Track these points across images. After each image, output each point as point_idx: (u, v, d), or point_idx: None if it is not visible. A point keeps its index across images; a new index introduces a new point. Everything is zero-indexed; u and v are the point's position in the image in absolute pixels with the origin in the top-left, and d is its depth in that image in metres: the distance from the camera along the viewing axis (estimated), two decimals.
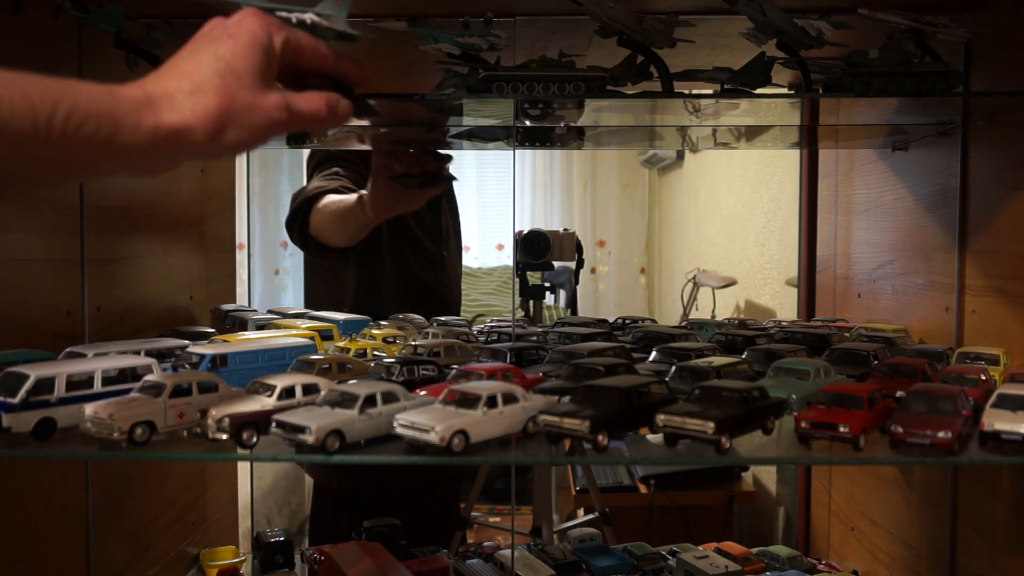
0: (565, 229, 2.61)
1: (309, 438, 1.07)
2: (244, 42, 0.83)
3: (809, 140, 2.19)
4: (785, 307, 3.16)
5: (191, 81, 0.79)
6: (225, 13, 0.90)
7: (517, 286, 2.62)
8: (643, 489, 3.06)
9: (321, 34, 0.95)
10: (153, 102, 0.77)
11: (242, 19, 0.86)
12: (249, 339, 1.56)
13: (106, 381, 1.21)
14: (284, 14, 0.93)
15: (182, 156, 0.81)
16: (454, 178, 2.02)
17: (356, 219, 2.01)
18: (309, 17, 0.95)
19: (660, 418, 1.11)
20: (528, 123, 1.73)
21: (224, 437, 1.11)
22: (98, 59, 1.63)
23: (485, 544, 2.07)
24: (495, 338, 1.80)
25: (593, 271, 6.19)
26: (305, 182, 2.43)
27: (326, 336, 1.73)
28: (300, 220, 2.17)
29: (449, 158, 1.77)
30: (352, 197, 2.04)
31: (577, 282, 3.95)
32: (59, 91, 0.71)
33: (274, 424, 1.12)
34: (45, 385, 1.14)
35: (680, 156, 5.16)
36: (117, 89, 0.76)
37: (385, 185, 1.90)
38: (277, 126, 0.85)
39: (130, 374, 1.24)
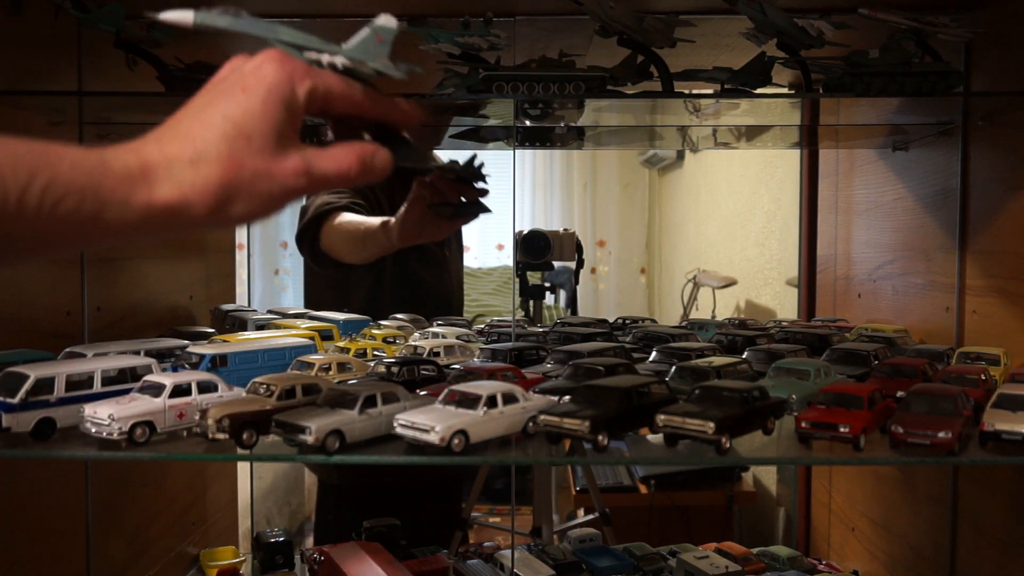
0: (565, 229, 2.61)
1: (309, 438, 1.07)
2: (259, 97, 0.70)
3: (809, 140, 2.19)
4: (785, 307, 3.16)
5: (193, 147, 0.68)
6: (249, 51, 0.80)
7: (517, 286, 2.62)
8: (643, 489, 3.06)
9: (357, 76, 0.80)
10: (148, 173, 0.66)
11: (260, 67, 0.71)
12: (249, 339, 1.56)
13: (106, 381, 1.21)
14: (313, 55, 0.78)
15: (181, 231, 0.72)
16: (488, 210, 1.86)
17: (378, 243, 1.96)
18: (340, 60, 0.78)
19: (660, 418, 1.10)
20: (528, 123, 1.73)
21: (224, 437, 1.11)
22: (98, 59, 1.63)
23: (485, 544, 2.07)
24: (495, 338, 1.80)
25: (593, 271, 6.19)
26: None
27: (326, 336, 1.73)
28: (311, 236, 2.16)
29: (486, 191, 1.66)
30: (375, 221, 1.98)
31: (577, 282, 3.94)
32: (37, 160, 0.61)
33: (274, 424, 1.11)
34: (45, 385, 1.14)
35: (680, 156, 5.16)
36: (109, 156, 0.66)
37: (420, 213, 1.81)
38: (295, 193, 0.73)
39: (130, 374, 1.24)
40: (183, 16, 0.69)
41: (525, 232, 2.57)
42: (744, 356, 1.49)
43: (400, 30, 0.82)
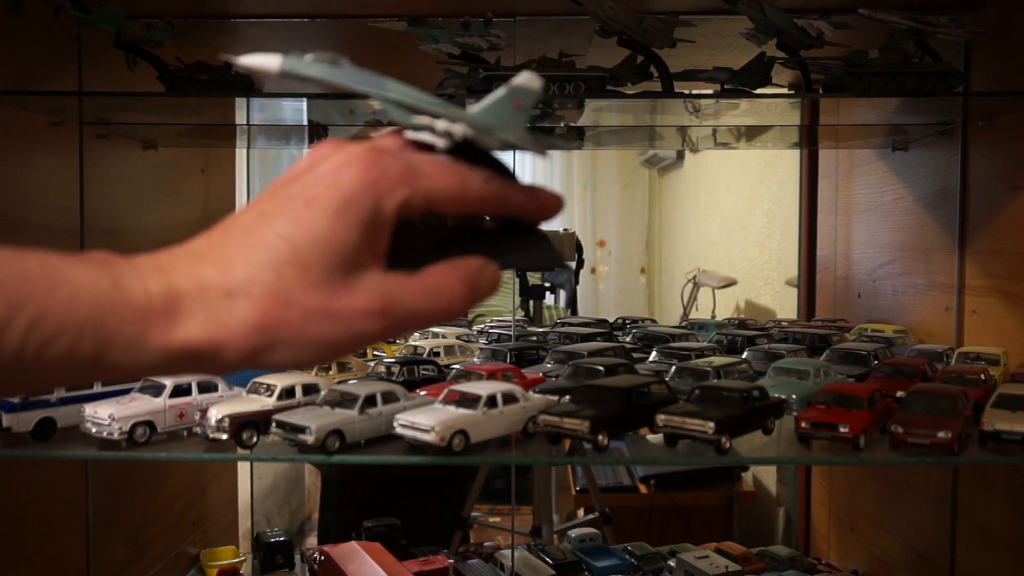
0: (565, 229, 2.61)
1: (309, 438, 1.07)
2: (328, 214, 0.52)
3: (809, 140, 2.19)
4: (785, 307, 3.16)
5: (233, 274, 0.52)
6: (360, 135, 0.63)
7: (517, 286, 2.62)
8: (643, 489, 3.06)
9: (483, 145, 0.61)
10: (173, 306, 0.51)
11: (338, 170, 0.53)
12: None
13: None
14: (426, 120, 0.58)
15: (206, 372, 0.57)
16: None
17: None
18: (461, 129, 0.58)
19: (660, 418, 1.11)
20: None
21: (224, 437, 1.11)
22: (98, 59, 1.63)
23: (485, 544, 2.07)
24: (495, 338, 1.80)
25: (593, 271, 6.19)
26: None
27: None
28: None
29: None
30: None
31: (577, 282, 3.95)
32: (24, 288, 0.47)
33: (274, 424, 1.12)
34: None
35: (680, 156, 5.16)
36: (126, 279, 0.50)
37: None
38: (367, 339, 0.55)
39: None
40: (269, 62, 0.55)
41: None
42: (744, 356, 1.49)
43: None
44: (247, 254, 0.52)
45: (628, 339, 1.75)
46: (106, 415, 1.09)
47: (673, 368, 1.34)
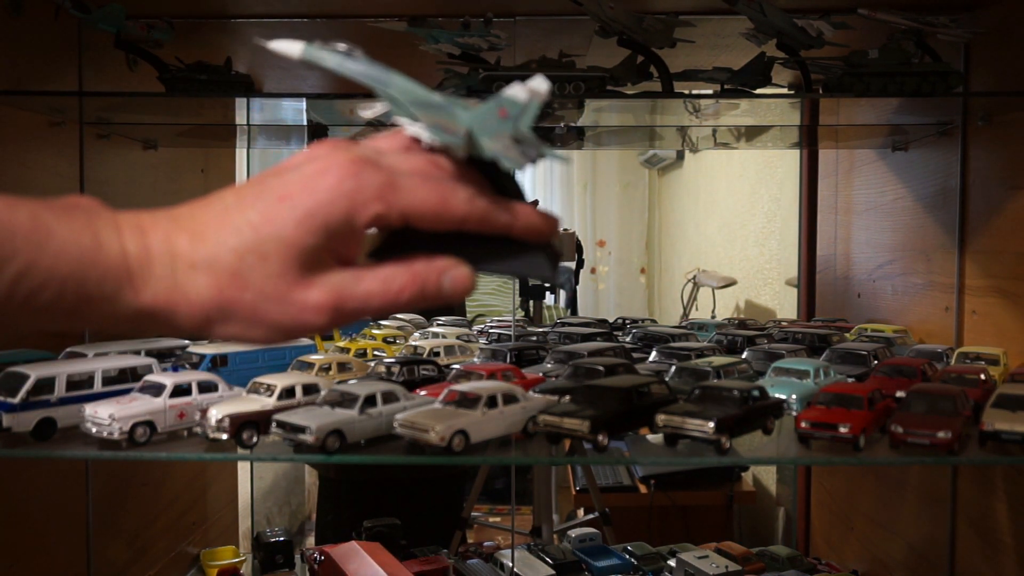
0: (565, 229, 2.61)
1: (309, 438, 1.07)
2: (295, 215, 0.55)
3: (809, 140, 2.19)
4: (785, 307, 3.16)
5: (201, 249, 0.55)
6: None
7: (517, 286, 2.62)
8: (643, 489, 3.06)
9: (465, 153, 0.61)
10: (144, 268, 0.55)
11: (319, 174, 0.56)
12: None
13: (106, 381, 1.21)
14: (416, 131, 0.60)
15: (163, 333, 0.60)
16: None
17: None
18: (428, 137, 0.60)
19: (660, 418, 1.11)
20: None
21: (224, 437, 1.11)
22: (98, 59, 1.63)
23: (485, 544, 2.07)
24: (495, 338, 1.80)
25: (593, 271, 6.19)
26: None
27: (326, 336, 1.73)
28: None
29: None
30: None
31: (577, 282, 3.95)
32: (14, 241, 0.51)
33: (274, 424, 1.12)
34: (45, 385, 1.14)
35: (680, 156, 5.16)
36: (107, 238, 0.54)
37: None
38: (311, 329, 0.59)
39: (130, 374, 1.24)
40: (291, 48, 0.59)
41: None
42: (744, 356, 1.49)
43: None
44: (218, 233, 0.56)
45: (628, 339, 1.75)
46: (106, 415, 1.09)
47: (673, 368, 1.34)
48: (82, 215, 0.54)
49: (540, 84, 0.60)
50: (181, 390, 1.16)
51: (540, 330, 1.84)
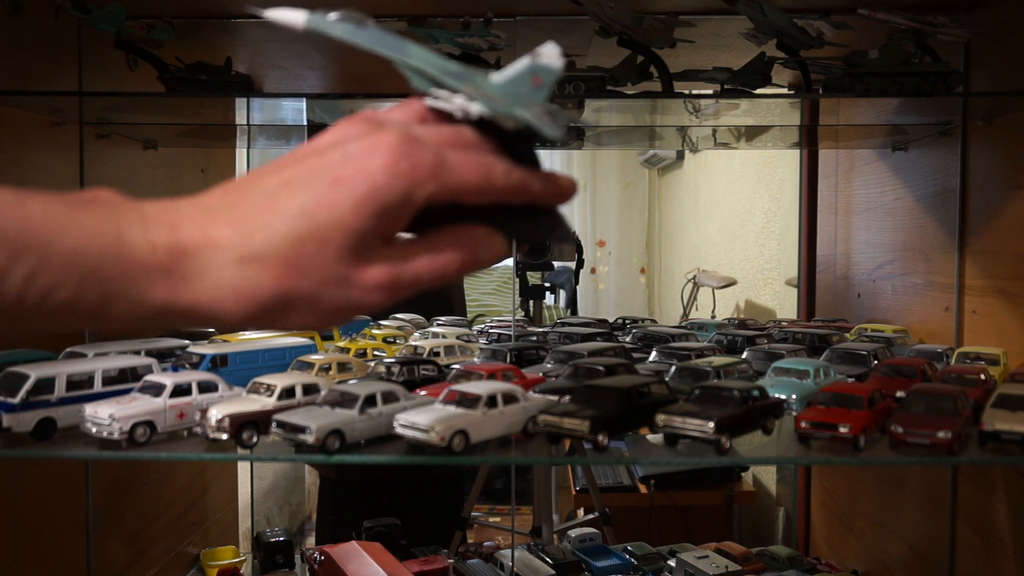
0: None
1: (309, 438, 1.07)
2: (354, 198, 0.52)
3: (809, 140, 2.19)
4: (785, 307, 3.16)
5: (249, 240, 0.52)
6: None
7: (517, 286, 2.62)
8: (643, 489, 3.06)
9: (499, 124, 0.59)
10: (178, 262, 0.51)
11: (370, 153, 0.53)
12: (249, 339, 1.56)
13: (106, 381, 1.21)
14: (443, 95, 0.58)
15: (206, 327, 0.60)
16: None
17: None
18: (477, 109, 0.57)
19: (660, 418, 1.10)
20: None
21: (224, 437, 1.11)
22: (98, 59, 1.63)
23: (485, 544, 2.07)
24: (495, 338, 1.80)
25: (593, 271, 6.19)
26: None
27: (326, 336, 1.73)
28: None
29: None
30: None
31: (577, 282, 3.95)
32: (24, 237, 0.47)
33: (274, 424, 1.12)
34: (45, 385, 1.14)
35: (680, 156, 5.16)
36: (130, 231, 0.50)
37: None
38: (369, 308, 0.57)
39: (130, 374, 1.24)
40: (294, 18, 0.56)
41: None
42: (744, 356, 1.49)
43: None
44: (268, 221, 0.52)
45: (628, 339, 1.75)
46: (106, 415, 1.09)
47: (673, 368, 1.34)
48: (102, 208, 0.51)
49: (557, 54, 0.60)
50: (181, 390, 1.16)
51: (540, 330, 1.84)
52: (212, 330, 1.79)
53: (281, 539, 2.03)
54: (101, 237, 0.49)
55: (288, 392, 1.18)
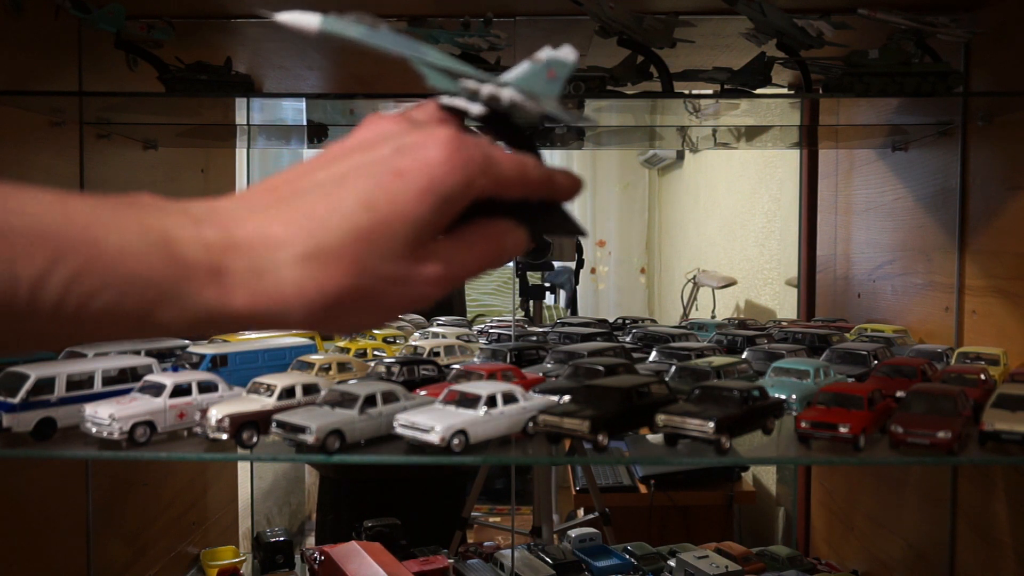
0: None
1: (309, 438, 1.07)
2: (416, 190, 0.51)
3: (809, 140, 2.19)
4: (785, 307, 3.16)
5: (311, 236, 0.49)
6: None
7: (517, 286, 2.62)
8: (643, 489, 3.06)
9: (522, 118, 0.61)
10: (233, 265, 0.48)
11: (425, 145, 0.52)
12: (249, 339, 1.56)
13: (106, 381, 1.21)
14: (472, 84, 0.58)
15: (263, 330, 0.56)
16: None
17: None
18: (509, 94, 0.58)
19: (660, 418, 1.10)
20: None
21: (224, 437, 1.11)
22: (98, 59, 1.63)
23: (485, 544, 2.07)
24: (495, 338, 1.80)
25: (593, 271, 6.19)
26: None
27: (326, 336, 1.73)
28: None
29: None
30: None
31: (577, 282, 3.95)
32: (66, 238, 0.43)
33: (274, 424, 1.12)
34: (45, 385, 1.14)
35: (680, 156, 5.16)
36: (178, 231, 0.47)
37: None
38: (424, 303, 0.56)
39: (130, 374, 1.24)
40: (307, 20, 0.55)
41: None
42: (744, 356, 1.49)
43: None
44: (330, 216, 0.50)
45: (628, 339, 1.75)
46: (106, 415, 1.09)
47: (673, 368, 1.34)
48: (146, 209, 0.47)
49: (570, 49, 0.61)
50: (181, 390, 1.16)
51: (540, 330, 1.84)
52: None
53: (281, 539, 2.03)
54: (147, 236, 0.46)
55: (288, 392, 1.18)
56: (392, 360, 1.40)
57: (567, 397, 1.20)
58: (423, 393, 1.25)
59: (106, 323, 0.45)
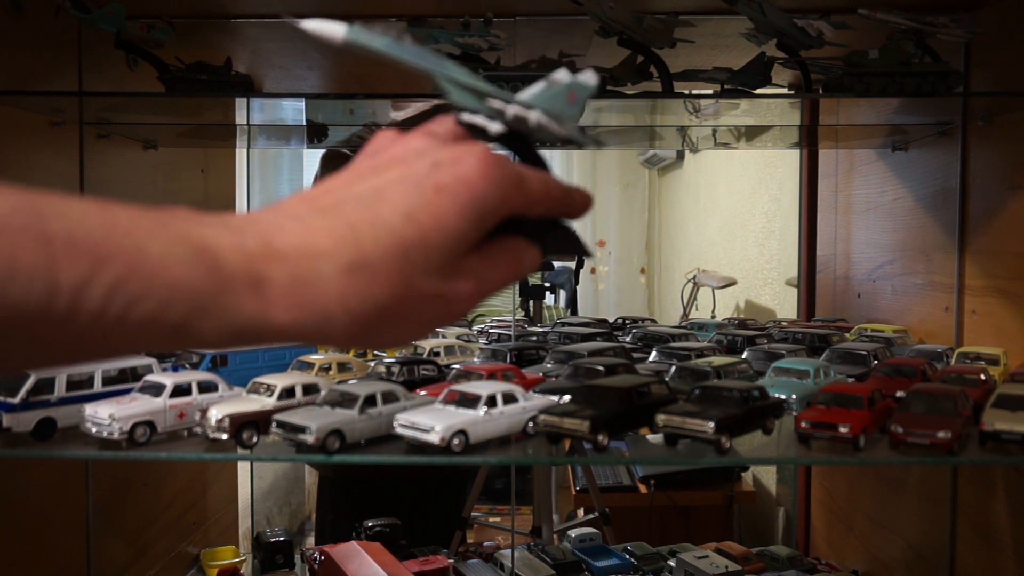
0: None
1: (309, 438, 1.07)
2: (457, 205, 0.51)
3: (809, 140, 2.19)
4: (785, 307, 3.16)
5: (356, 247, 0.48)
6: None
7: (517, 286, 2.62)
8: (643, 489, 3.06)
9: (539, 137, 0.62)
10: (275, 276, 0.46)
11: (462, 162, 0.52)
12: None
13: (106, 381, 1.21)
14: (498, 104, 0.59)
15: (300, 343, 0.56)
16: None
17: None
18: (537, 116, 0.58)
19: (660, 418, 1.11)
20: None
21: (224, 437, 1.11)
22: (98, 59, 1.63)
23: (485, 544, 2.07)
24: (495, 338, 1.80)
25: (593, 271, 6.19)
26: (312, 181, 2.44)
27: None
28: None
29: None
30: None
31: (577, 282, 3.95)
32: (109, 244, 0.42)
33: (274, 424, 1.12)
34: (45, 385, 1.14)
35: (680, 156, 5.15)
36: (217, 240, 0.45)
37: None
38: (457, 318, 0.55)
39: (130, 374, 1.24)
40: (333, 30, 0.54)
41: None
42: (744, 356, 1.49)
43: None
44: (371, 229, 0.49)
45: (628, 339, 1.75)
46: (106, 415, 1.09)
47: (673, 368, 1.34)
48: (182, 218, 0.46)
49: (592, 75, 0.61)
50: (181, 390, 1.16)
51: (540, 330, 1.84)
52: None
53: (281, 539, 2.03)
54: (188, 244, 0.44)
55: (288, 392, 1.18)
56: (392, 360, 1.40)
57: (567, 397, 1.20)
58: (423, 393, 1.25)
59: (145, 333, 0.44)
